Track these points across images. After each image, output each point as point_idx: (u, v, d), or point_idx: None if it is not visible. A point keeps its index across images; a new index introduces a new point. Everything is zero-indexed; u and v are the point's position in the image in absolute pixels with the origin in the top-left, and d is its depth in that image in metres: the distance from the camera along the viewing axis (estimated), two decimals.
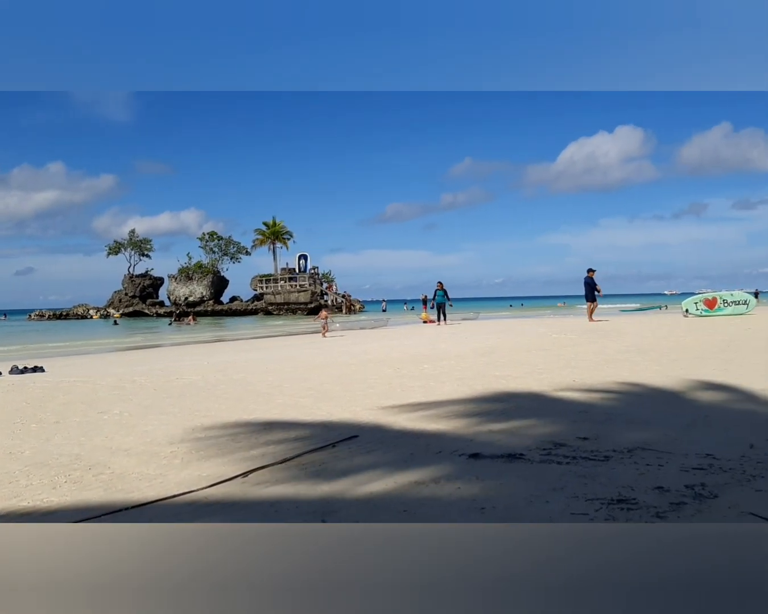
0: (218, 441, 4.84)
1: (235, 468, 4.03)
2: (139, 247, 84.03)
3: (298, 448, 4.47)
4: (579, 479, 3.44)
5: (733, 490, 3.18)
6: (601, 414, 5.28)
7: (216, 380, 8.86)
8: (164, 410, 6.41)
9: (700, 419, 4.98)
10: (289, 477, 3.78)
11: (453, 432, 4.86)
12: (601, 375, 7.84)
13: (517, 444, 4.31)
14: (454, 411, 5.75)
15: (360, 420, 5.45)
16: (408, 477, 3.63)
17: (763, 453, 3.87)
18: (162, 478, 3.92)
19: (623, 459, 3.84)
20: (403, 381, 7.98)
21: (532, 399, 6.27)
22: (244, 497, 3.43)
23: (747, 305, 25.61)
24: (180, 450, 4.60)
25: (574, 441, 4.34)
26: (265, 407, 6.38)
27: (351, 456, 4.18)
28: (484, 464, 3.85)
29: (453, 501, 3.18)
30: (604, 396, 6.32)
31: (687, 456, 3.86)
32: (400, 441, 4.57)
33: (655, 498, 3.09)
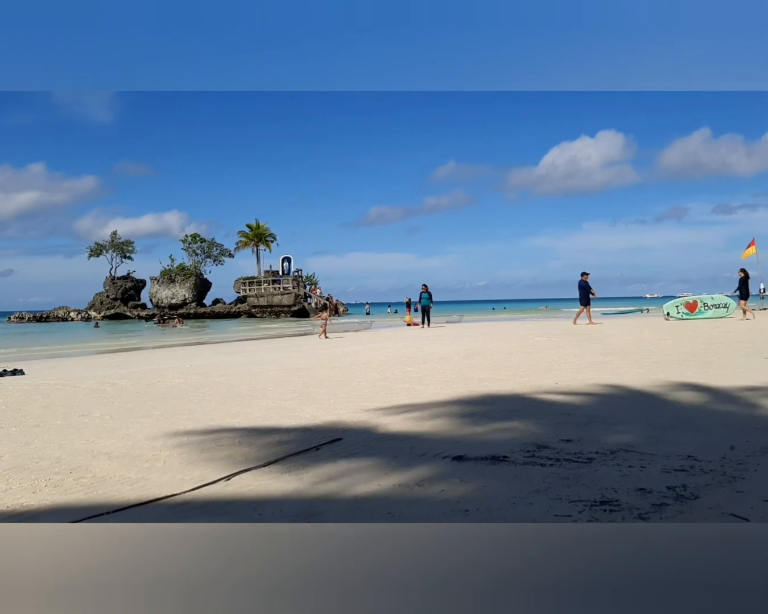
0: (201, 444, 4.80)
1: (217, 471, 4.01)
2: (121, 248, 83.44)
3: (282, 451, 4.45)
4: (562, 481, 3.46)
5: (713, 491, 3.20)
6: (583, 417, 5.31)
7: (199, 382, 8.80)
8: (146, 413, 6.36)
9: (682, 421, 5.02)
10: (272, 480, 3.76)
11: (437, 434, 4.86)
12: (584, 378, 7.89)
13: (500, 446, 4.32)
14: (438, 413, 5.75)
15: (344, 423, 5.43)
16: (392, 480, 3.63)
17: (744, 454, 3.91)
18: (144, 482, 3.89)
19: (606, 460, 3.87)
20: (387, 384, 7.97)
21: (515, 402, 6.29)
22: (227, 500, 3.41)
23: (727, 309, 25.92)
24: (162, 454, 4.57)
25: (558, 443, 4.36)
26: (249, 410, 6.35)
27: (335, 459, 4.17)
28: (468, 466, 3.86)
29: (437, 503, 3.18)
30: (586, 399, 6.36)
31: (669, 457, 3.89)
32: (384, 444, 4.57)
33: (638, 499, 3.11)
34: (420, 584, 1.86)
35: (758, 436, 4.39)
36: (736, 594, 1.79)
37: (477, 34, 3.25)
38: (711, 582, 1.83)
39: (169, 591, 1.90)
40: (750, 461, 3.75)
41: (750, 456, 3.87)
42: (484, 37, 3.25)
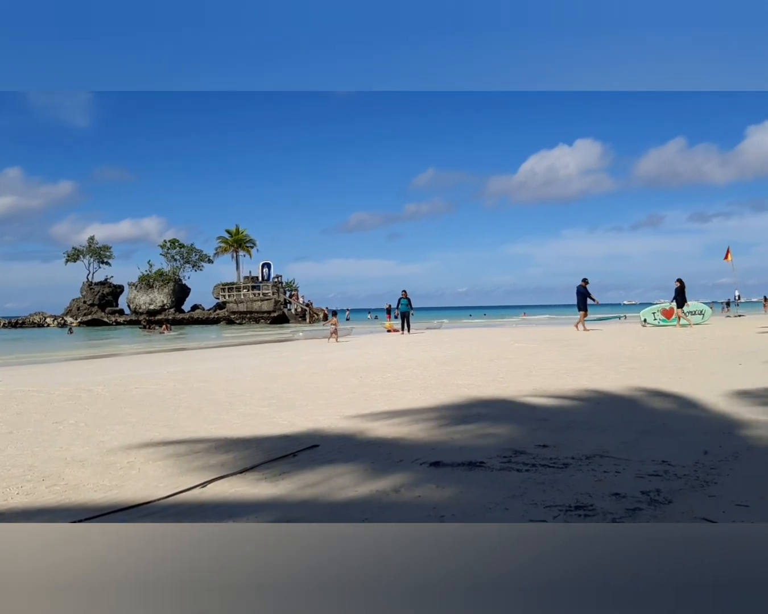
0: (176, 451, 4.76)
1: (193, 478, 3.97)
2: (98, 254, 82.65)
3: (258, 458, 4.43)
4: (538, 486, 3.47)
5: (686, 496, 3.24)
6: (560, 422, 5.34)
7: (176, 389, 8.73)
8: (121, 420, 6.29)
9: (657, 426, 5.07)
10: (248, 487, 3.74)
11: (415, 440, 4.86)
12: (561, 384, 7.94)
13: (477, 452, 4.33)
14: (416, 419, 5.75)
15: (322, 430, 5.42)
16: (369, 486, 3.62)
17: (717, 459, 3.96)
18: (118, 489, 3.84)
19: (581, 466, 3.89)
20: (366, 390, 7.96)
21: (493, 408, 6.31)
22: (202, 507, 3.38)
23: (703, 315, 26.27)
24: (137, 461, 4.52)
25: (534, 448, 4.38)
26: (226, 416, 6.30)
27: (312, 466, 4.15)
28: (445, 472, 3.86)
29: (413, 509, 3.18)
30: (563, 404, 6.40)
31: (643, 462, 3.92)
32: (362, 450, 4.56)
33: (612, 504, 3.13)
34: (419, 583, 1.87)
35: (731, 441, 4.44)
36: (713, 593, 1.80)
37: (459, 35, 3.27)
38: (694, 581, 1.85)
39: (166, 591, 1.89)
40: (722, 466, 3.80)
41: (722, 461, 3.92)
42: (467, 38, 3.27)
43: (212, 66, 3.42)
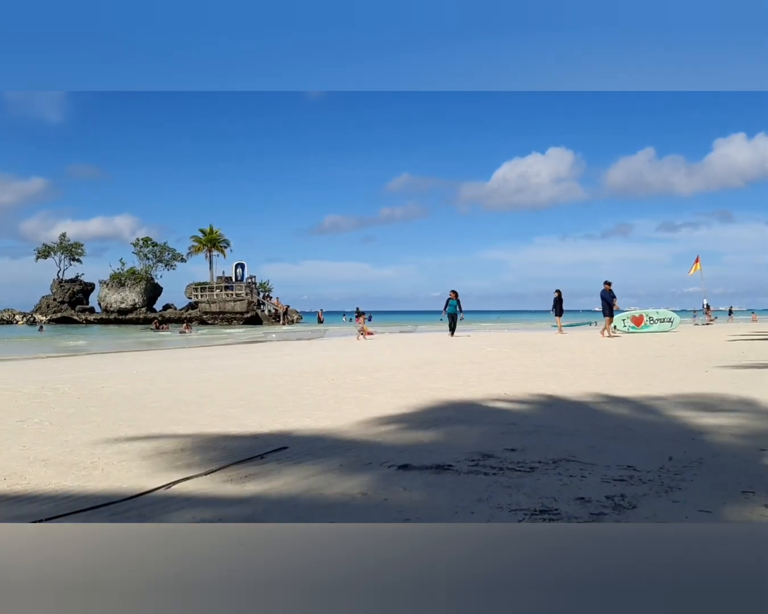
0: (142, 452, 4.69)
1: (158, 479, 3.91)
2: (69, 251, 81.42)
3: (225, 459, 4.38)
4: (504, 490, 3.48)
5: (650, 501, 3.27)
6: (529, 426, 5.37)
7: (143, 389, 8.61)
8: (87, 419, 6.19)
9: (623, 431, 5.12)
10: (213, 488, 3.69)
11: (384, 443, 4.85)
12: (531, 388, 7.99)
13: (446, 455, 4.33)
14: (386, 422, 5.74)
15: (290, 431, 5.38)
16: (336, 489, 3.60)
17: (681, 465, 4.00)
18: (80, 489, 3.77)
19: (548, 470, 3.91)
20: (337, 393, 7.93)
21: (463, 411, 6.33)
22: (165, 509, 3.33)
23: (672, 323, 26.67)
24: (101, 461, 4.44)
25: (502, 452, 4.39)
26: (193, 417, 6.23)
27: (279, 468, 4.12)
28: (413, 475, 3.85)
29: (379, 512, 3.16)
30: (533, 409, 6.44)
31: (609, 467, 3.95)
32: (331, 452, 4.53)
33: (577, 508, 3.15)
34: (417, 583, 1.87)
35: (696, 447, 4.50)
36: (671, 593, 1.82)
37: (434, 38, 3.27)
38: (646, 581, 1.86)
39: (126, 591, 1.88)
40: (687, 471, 3.84)
41: (687, 466, 3.96)
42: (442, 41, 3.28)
43: (185, 65, 3.39)
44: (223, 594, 1.85)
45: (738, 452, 4.33)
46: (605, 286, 23.34)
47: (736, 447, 4.49)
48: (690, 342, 18.23)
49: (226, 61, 3.38)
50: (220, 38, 3.26)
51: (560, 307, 26.64)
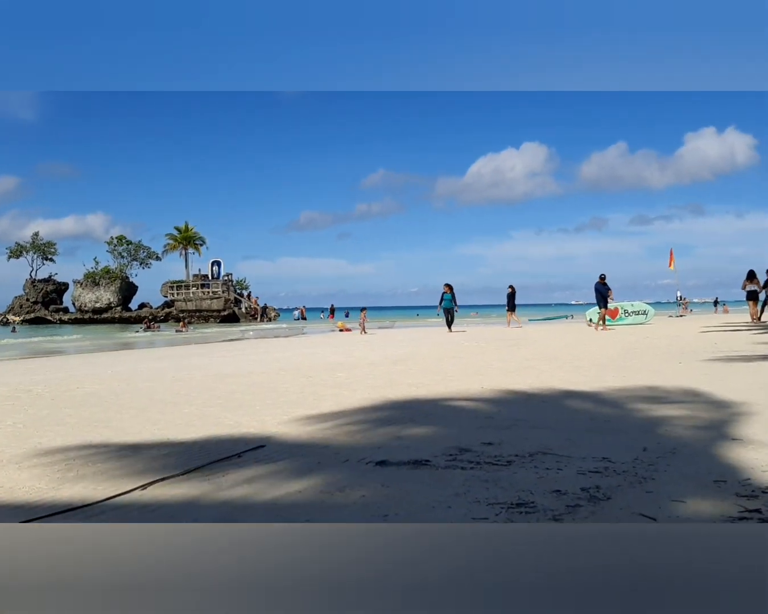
0: (118, 453, 4.65)
1: (134, 480, 3.88)
2: (42, 250, 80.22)
3: (202, 459, 4.35)
4: (482, 484, 3.51)
5: (625, 492, 3.31)
6: (506, 420, 5.40)
7: (120, 389, 8.53)
8: (61, 421, 6.11)
9: (599, 423, 5.18)
10: (190, 488, 3.67)
11: (362, 440, 4.85)
12: (509, 382, 8.04)
13: (423, 450, 4.35)
14: (364, 418, 5.75)
15: (268, 430, 5.36)
16: (314, 486, 3.59)
17: (655, 456, 4.06)
18: (54, 492, 3.72)
19: (525, 463, 3.94)
20: (315, 390, 7.92)
21: (441, 406, 6.35)
22: (142, 510, 3.30)
23: (646, 315, 27.00)
24: (76, 463, 4.39)
25: (479, 446, 4.42)
26: (170, 417, 6.18)
27: (257, 466, 4.10)
28: (391, 471, 3.86)
29: (357, 508, 3.17)
30: (510, 402, 6.49)
31: (585, 459, 4.00)
32: (308, 450, 4.53)
33: (553, 501, 3.18)
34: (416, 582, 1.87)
35: (669, 438, 4.57)
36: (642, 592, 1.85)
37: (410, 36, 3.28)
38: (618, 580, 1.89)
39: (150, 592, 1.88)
40: (660, 462, 3.90)
41: (660, 457, 4.02)
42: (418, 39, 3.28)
43: (158, 64, 3.36)
44: (217, 594, 1.85)
45: (710, 442, 4.41)
46: (600, 279, 23.34)
47: (709, 437, 4.57)
48: (664, 334, 18.47)
49: (201, 60, 3.36)
50: (193, 37, 3.24)
51: (513, 302, 28.45)
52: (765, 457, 3.92)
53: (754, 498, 3.14)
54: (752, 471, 3.62)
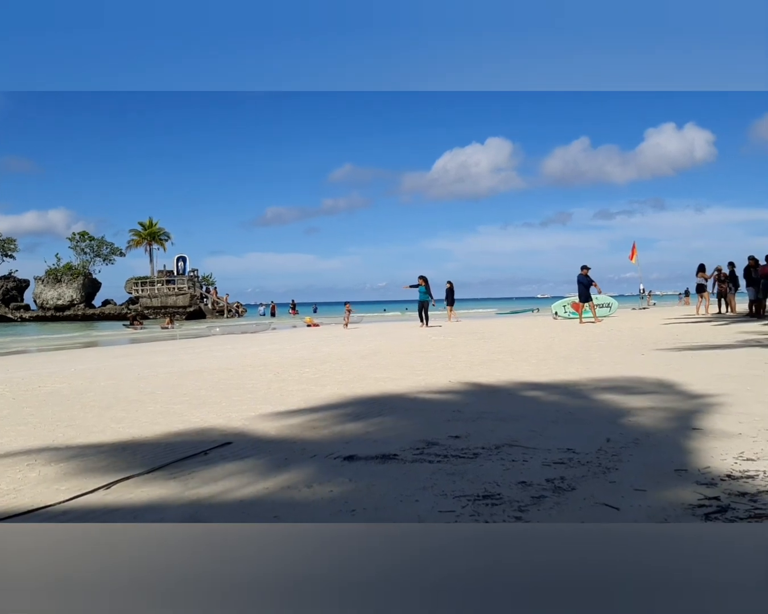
0: (81, 452, 4.57)
1: (98, 479, 3.82)
2: (1, 247, 78.33)
3: (168, 457, 4.31)
4: (448, 477, 3.53)
5: (589, 482, 3.36)
6: (473, 413, 5.45)
7: (83, 387, 8.39)
8: (22, 421, 5.99)
9: (564, 415, 5.25)
10: (155, 486, 3.63)
11: (330, 435, 4.85)
12: (476, 375, 8.11)
13: (391, 444, 4.37)
14: (332, 414, 5.74)
15: (235, 427, 5.33)
16: (281, 482, 3.58)
17: (618, 446, 4.13)
18: (15, 493, 3.65)
19: (491, 455, 3.98)
20: (283, 386, 7.89)
21: (409, 400, 6.38)
22: (106, 509, 3.26)
23: (610, 308, 27.42)
24: (37, 463, 4.31)
25: (447, 439, 4.45)
26: (135, 415, 6.10)
27: (223, 463, 4.07)
28: (358, 466, 3.87)
29: (325, 504, 3.17)
30: (477, 395, 6.54)
31: (550, 451, 4.05)
32: (276, 447, 4.51)
33: (518, 492, 3.22)
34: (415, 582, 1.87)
35: (632, 428, 4.65)
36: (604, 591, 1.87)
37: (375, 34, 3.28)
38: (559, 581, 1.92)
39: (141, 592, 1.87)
40: (623, 452, 3.97)
41: (623, 447, 4.09)
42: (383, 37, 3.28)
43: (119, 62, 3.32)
44: (208, 595, 1.84)
45: (671, 432, 4.50)
46: (582, 270, 22.14)
47: (670, 427, 4.66)
48: (627, 326, 18.79)
49: (164, 58, 3.32)
50: (152, 35, 3.20)
51: (452, 297, 29.91)
52: (724, 446, 4.02)
53: (713, 486, 3.22)
54: (712, 460, 3.71)
